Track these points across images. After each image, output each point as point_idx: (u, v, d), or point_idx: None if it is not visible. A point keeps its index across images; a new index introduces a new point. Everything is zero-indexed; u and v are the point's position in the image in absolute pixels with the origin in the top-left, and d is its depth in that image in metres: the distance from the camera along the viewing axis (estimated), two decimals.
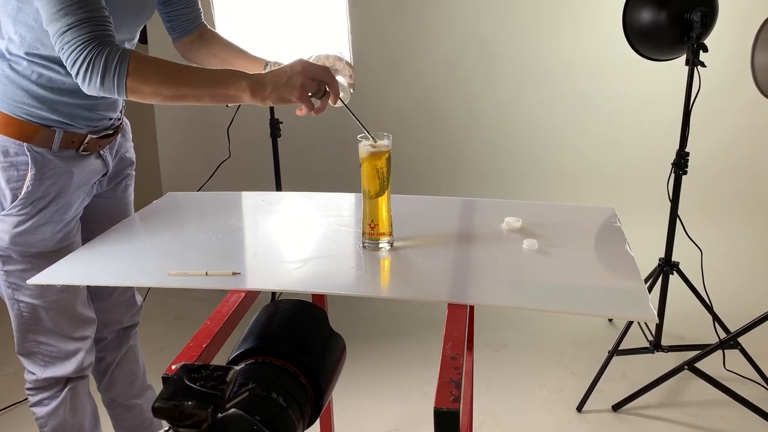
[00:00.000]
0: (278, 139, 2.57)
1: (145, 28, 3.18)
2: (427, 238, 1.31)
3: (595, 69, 2.80)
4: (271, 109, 2.50)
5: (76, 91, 1.24)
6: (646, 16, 1.99)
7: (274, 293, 2.44)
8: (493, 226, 1.37)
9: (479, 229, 1.36)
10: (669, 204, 2.09)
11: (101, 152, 1.42)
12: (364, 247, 1.26)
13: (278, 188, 2.57)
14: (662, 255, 2.15)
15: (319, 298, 1.59)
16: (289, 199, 1.63)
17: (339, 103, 1.31)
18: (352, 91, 1.45)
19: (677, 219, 2.08)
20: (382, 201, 1.24)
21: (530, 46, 2.81)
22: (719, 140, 2.87)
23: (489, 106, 2.90)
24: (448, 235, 1.33)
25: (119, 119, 1.47)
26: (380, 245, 1.26)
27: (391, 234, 1.26)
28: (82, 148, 1.35)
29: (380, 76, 2.89)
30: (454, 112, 2.93)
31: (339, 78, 1.38)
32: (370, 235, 1.25)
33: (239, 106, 2.49)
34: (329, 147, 3.01)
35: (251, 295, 1.15)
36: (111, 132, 1.43)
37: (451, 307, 1.04)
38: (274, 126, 2.56)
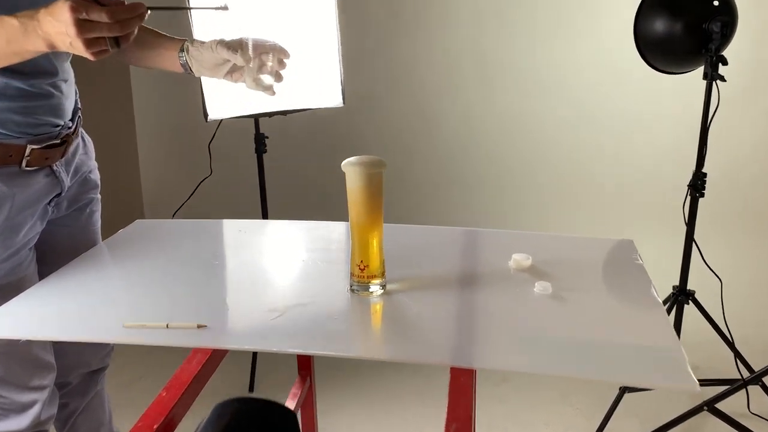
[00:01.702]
0: (263, 155, 2.40)
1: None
2: (424, 279, 1.15)
3: (603, 82, 2.65)
4: (256, 123, 2.33)
5: (2, 92, 1.08)
6: (659, 26, 1.84)
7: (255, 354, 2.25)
8: (499, 263, 1.21)
9: (483, 268, 1.19)
10: (683, 227, 1.93)
11: (53, 168, 1.25)
12: (352, 290, 1.10)
13: (263, 207, 2.40)
14: (676, 282, 1.99)
15: None
16: (271, 228, 1.47)
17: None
18: (274, 81, 1.23)
19: (693, 244, 1.93)
20: (373, 238, 1.07)
21: (531, 57, 2.66)
22: (736, 157, 2.71)
23: (488, 121, 2.75)
24: (449, 275, 1.16)
25: (69, 128, 1.28)
26: (371, 289, 1.09)
27: (383, 275, 1.10)
28: (24, 162, 1.17)
29: (372, 91, 2.73)
30: (452, 128, 2.78)
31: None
32: (359, 277, 1.09)
33: (222, 120, 2.34)
34: (319, 162, 2.84)
35: (219, 353, 0.98)
36: (58, 142, 1.24)
37: (454, 372, 0.88)
38: (260, 141, 2.40)
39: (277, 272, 1.21)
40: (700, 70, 1.83)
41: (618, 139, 2.72)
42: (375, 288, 1.09)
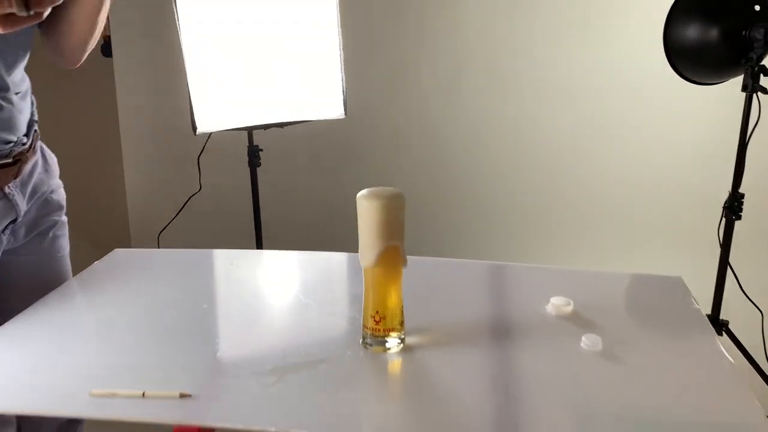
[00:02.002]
0: (257, 168, 2.22)
1: (109, 41, 2.86)
2: (450, 329, 0.98)
3: (625, 93, 2.47)
4: (249, 135, 2.16)
5: None
6: (692, 32, 1.68)
7: None
8: (534, 307, 1.04)
9: (518, 314, 1.02)
10: (713, 250, 1.77)
11: (5, 191, 1.08)
12: (365, 344, 0.93)
13: (257, 225, 2.22)
14: (708, 311, 1.83)
15: None
16: (266, 261, 1.29)
17: None
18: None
19: (728, 269, 1.77)
20: (391, 288, 0.90)
21: (546, 66, 2.49)
22: None
23: (499, 134, 2.57)
24: (478, 324, 0.99)
25: (24, 144, 1.11)
26: (388, 344, 0.92)
27: (402, 327, 0.93)
28: None
29: (376, 101, 2.56)
30: (461, 142, 2.60)
31: None
32: (374, 331, 0.91)
33: (211, 133, 2.16)
34: (318, 178, 2.67)
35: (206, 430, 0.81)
36: (10, 161, 1.07)
37: None
38: (253, 154, 2.22)
39: (275, 320, 1.03)
40: (734, 81, 1.67)
41: (644, 155, 2.53)
42: (393, 343, 0.92)
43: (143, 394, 0.82)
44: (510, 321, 1.00)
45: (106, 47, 2.87)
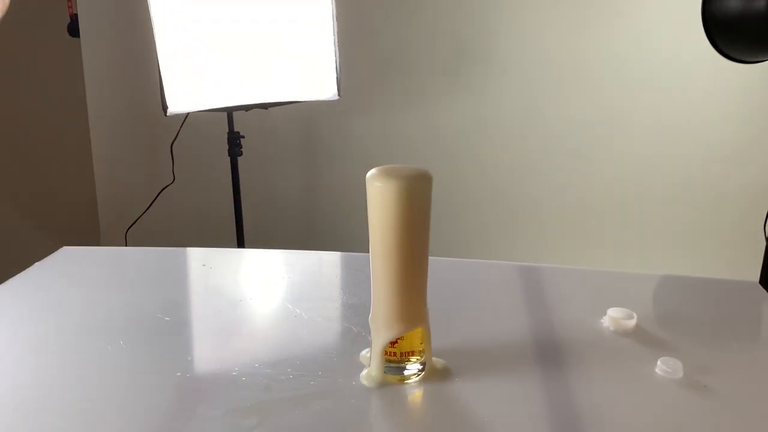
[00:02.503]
0: (238, 158, 1.99)
1: (76, 21, 2.61)
2: (482, 350, 0.76)
3: (658, 84, 2.25)
4: (230, 119, 1.93)
5: None
6: (735, 2, 1.48)
7: None
8: (587, 321, 0.82)
9: (567, 330, 0.80)
10: (758, 249, 1.57)
11: None
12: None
13: (238, 221, 1.99)
14: None
15: None
16: (246, 261, 1.07)
17: None
18: None
19: None
20: (413, 292, 0.68)
21: (558, 47, 2.28)
22: None
23: (504, 122, 2.36)
24: (518, 342, 0.77)
25: None
26: (407, 371, 0.70)
27: (422, 349, 0.70)
28: None
29: (374, 81, 2.33)
30: (459, 129, 2.39)
31: None
32: (389, 355, 0.69)
33: (187, 115, 1.92)
34: (307, 167, 2.43)
35: None
36: None
37: None
38: (233, 141, 1.99)
39: (256, 338, 0.81)
40: None
41: (675, 148, 2.32)
42: (413, 370, 0.70)
43: None
44: (559, 339, 0.78)
45: (72, 26, 2.62)
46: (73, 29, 2.59)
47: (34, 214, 2.57)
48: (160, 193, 1.97)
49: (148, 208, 1.97)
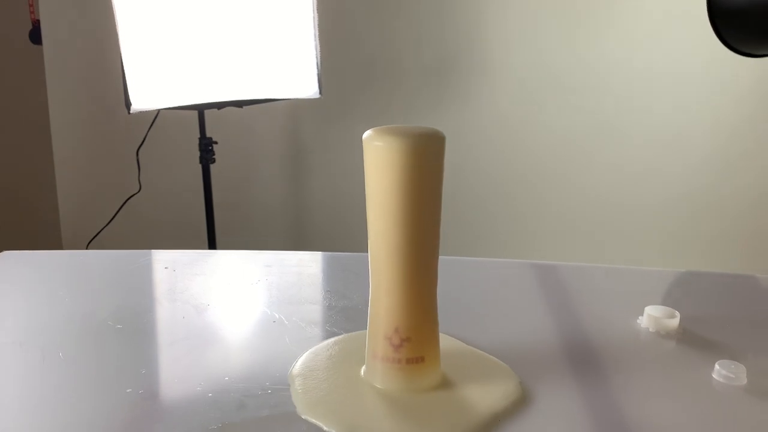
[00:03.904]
0: (211, 165, 1.86)
1: (38, 28, 2.46)
2: (506, 355, 0.63)
3: (655, 77, 2.14)
4: (201, 124, 1.79)
5: None
6: None
7: None
8: (622, 321, 0.70)
9: (599, 331, 0.68)
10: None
11: None
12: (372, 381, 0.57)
13: (210, 234, 1.85)
14: None
15: None
16: (214, 262, 0.93)
17: None
18: None
19: None
20: (423, 281, 0.55)
21: (551, 52, 2.18)
22: None
23: (494, 129, 2.25)
24: (546, 346, 0.64)
25: None
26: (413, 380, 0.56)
27: (437, 353, 0.57)
28: None
29: (360, 79, 2.21)
30: (461, 133, 2.26)
31: None
32: (395, 362, 0.55)
33: (155, 118, 1.77)
34: (284, 175, 2.29)
35: None
36: None
37: None
38: (205, 148, 1.85)
39: (228, 351, 0.67)
40: None
41: (679, 153, 2.22)
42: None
43: None
44: (591, 341, 0.66)
45: (34, 33, 2.49)
46: (35, 36, 2.45)
47: None
48: (125, 203, 1.81)
49: (111, 219, 1.82)
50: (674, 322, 0.68)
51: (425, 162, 0.51)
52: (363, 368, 0.58)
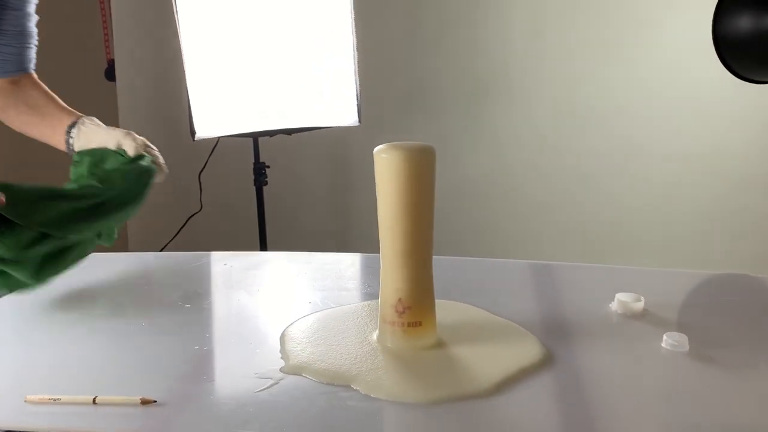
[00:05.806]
0: (264, 187, 2.05)
1: (113, 66, 2.74)
2: (482, 326, 0.78)
3: (669, 99, 2.26)
4: (255, 147, 2.00)
5: None
6: (745, 23, 1.52)
7: None
8: (595, 306, 0.84)
9: (575, 314, 0.82)
10: None
11: None
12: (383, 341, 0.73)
13: (263, 250, 2.04)
14: None
15: None
16: (266, 263, 1.10)
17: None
18: None
19: None
20: (419, 259, 0.71)
21: (575, 80, 2.33)
22: None
23: (520, 152, 2.40)
24: (527, 323, 0.79)
25: None
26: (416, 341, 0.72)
27: (434, 320, 0.73)
28: None
29: (394, 109, 2.39)
30: (481, 158, 2.42)
31: None
32: (394, 325, 0.71)
33: (215, 145, 1.99)
34: (329, 197, 2.49)
35: None
36: None
37: None
38: (259, 171, 2.05)
39: (272, 318, 0.84)
40: None
41: (701, 173, 2.32)
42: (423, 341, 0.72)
43: (94, 400, 0.62)
44: (567, 321, 0.80)
45: (109, 71, 2.75)
46: (110, 73, 2.71)
47: None
48: (188, 220, 2.03)
49: (176, 235, 2.04)
50: (639, 305, 0.81)
51: (420, 168, 0.68)
52: (375, 333, 0.74)
